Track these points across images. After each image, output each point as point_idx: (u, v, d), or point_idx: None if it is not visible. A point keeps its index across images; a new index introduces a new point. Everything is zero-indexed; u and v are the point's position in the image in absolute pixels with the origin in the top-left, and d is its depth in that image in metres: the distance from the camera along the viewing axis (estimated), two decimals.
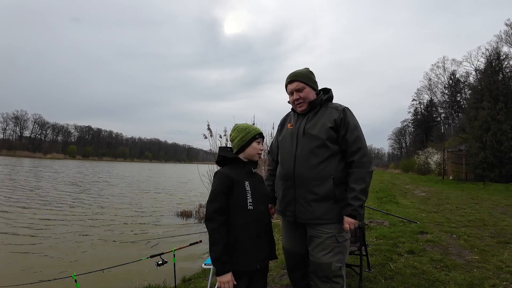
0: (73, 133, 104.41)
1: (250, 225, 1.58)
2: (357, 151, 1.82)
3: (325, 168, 1.81)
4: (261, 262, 1.62)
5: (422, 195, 11.03)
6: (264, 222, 1.67)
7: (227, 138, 8.58)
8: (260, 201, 1.65)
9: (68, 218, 8.09)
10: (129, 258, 4.17)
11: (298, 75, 1.96)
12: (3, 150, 72.87)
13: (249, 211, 1.57)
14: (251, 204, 1.58)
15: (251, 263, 1.57)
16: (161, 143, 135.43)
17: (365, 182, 1.79)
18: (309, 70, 2.02)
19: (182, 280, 3.72)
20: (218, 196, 1.53)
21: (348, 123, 1.85)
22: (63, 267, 4.48)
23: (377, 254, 3.80)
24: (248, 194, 1.59)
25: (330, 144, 1.83)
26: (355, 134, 1.84)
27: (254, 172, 1.73)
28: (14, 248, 5.45)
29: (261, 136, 1.75)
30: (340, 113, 1.87)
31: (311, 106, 1.95)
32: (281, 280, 3.12)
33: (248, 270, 1.55)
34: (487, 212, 7.01)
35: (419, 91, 48.96)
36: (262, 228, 1.65)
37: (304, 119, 1.96)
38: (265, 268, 1.67)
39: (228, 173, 1.62)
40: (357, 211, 1.76)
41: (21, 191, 12.67)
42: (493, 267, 3.30)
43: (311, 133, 1.87)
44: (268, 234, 1.72)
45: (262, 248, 1.64)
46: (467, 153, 18.61)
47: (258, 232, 1.61)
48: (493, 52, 19.94)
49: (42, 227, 6.96)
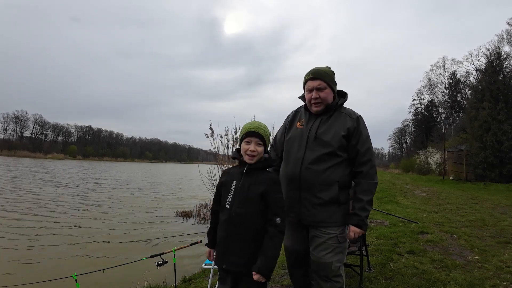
0: (74, 133, 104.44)
1: (225, 224, 1.61)
2: (367, 162, 1.83)
3: (332, 174, 1.81)
4: (229, 264, 1.57)
5: (423, 195, 11.02)
6: (241, 225, 1.56)
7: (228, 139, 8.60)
8: (242, 203, 1.58)
9: (68, 218, 8.10)
10: (130, 258, 4.18)
11: (322, 74, 1.88)
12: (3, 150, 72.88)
13: (226, 210, 1.62)
14: (229, 203, 1.62)
15: (218, 260, 1.66)
16: (161, 143, 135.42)
17: (371, 194, 1.83)
18: (331, 70, 1.95)
19: (182, 280, 3.73)
20: (216, 188, 1.78)
21: (360, 133, 1.84)
22: (63, 267, 4.48)
23: (377, 254, 3.80)
24: (230, 193, 1.63)
25: (340, 153, 1.83)
26: (366, 145, 1.84)
27: (254, 172, 1.63)
28: (14, 248, 5.45)
29: (249, 136, 1.62)
30: (354, 122, 1.85)
31: (326, 109, 1.90)
32: (281, 280, 3.12)
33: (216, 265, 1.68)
34: (488, 212, 7.01)
35: (419, 91, 48.94)
36: (238, 231, 1.56)
37: (317, 121, 1.90)
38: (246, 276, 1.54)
39: (228, 170, 1.77)
40: (363, 221, 1.79)
41: (21, 192, 12.67)
42: (494, 267, 3.30)
43: (324, 139, 1.84)
44: (254, 242, 1.56)
45: (232, 250, 1.57)
46: (467, 153, 18.59)
47: (230, 233, 1.58)
48: (494, 52, 19.92)
49: (42, 227, 6.97)
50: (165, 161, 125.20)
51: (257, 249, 1.55)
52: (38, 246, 5.60)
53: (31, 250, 5.37)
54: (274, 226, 1.56)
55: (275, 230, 1.56)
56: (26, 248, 5.49)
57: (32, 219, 7.73)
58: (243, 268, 1.55)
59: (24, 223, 7.29)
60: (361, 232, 1.80)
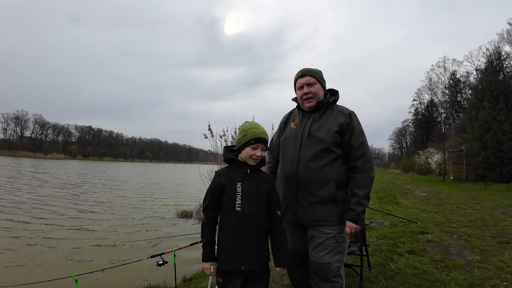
0: (74, 133, 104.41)
1: (237, 227, 1.58)
2: (361, 157, 1.83)
3: (328, 171, 1.82)
4: (247, 264, 1.58)
5: (423, 195, 11.02)
6: (255, 226, 1.60)
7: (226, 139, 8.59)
8: (253, 204, 1.60)
9: (68, 218, 8.09)
10: (130, 258, 4.18)
11: (311, 71, 1.99)
12: (3, 150, 72.88)
13: (237, 213, 1.58)
14: (240, 206, 1.59)
15: (233, 263, 1.59)
16: (161, 143, 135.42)
17: (367, 188, 1.81)
18: (319, 70, 2.05)
19: (182, 280, 3.73)
20: (209, 195, 1.66)
21: (353, 128, 1.85)
22: (64, 267, 4.48)
23: (377, 254, 3.80)
24: (238, 195, 1.60)
25: (334, 148, 1.84)
26: (360, 139, 1.85)
27: (255, 173, 1.67)
28: (14, 248, 5.45)
29: (258, 142, 1.63)
30: (346, 117, 1.87)
31: (318, 106, 1.94)
32: (281, 280, 3.12)
33: (230, 269, 1.59)
34: (488, 212, 7.00)
35: (419, 91, 48.97)
36: (253, 231, 1.59)
37: (310, 119, 1.94)
38: (258, 271, 1.61)
39: (223, 173, 1.67)
40: (359, 216, 1.78)
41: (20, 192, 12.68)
42: (494, 267, 3.30)
43: (317, 136, 1.86)
44: (264, 238, 1.63)
45: (249, 251, 1.58)
46: (467, 153, 18.60)
47: (246, 234, 1.58)
48: (494, 51, 19.93)
49: (42, 227, 6.97)
50: (165, 161, 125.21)
51: (265, 244, 1.64)
52: (38, 246, 5.60)
53: (31, 251, 5.37)
54: (279, 220, 1.67)
55: (281, 224, 1.69)
56: (27, 248, 5.49)
57: (32, 219, 7.73)
58: (261, 265, 1.62)
59: (24, 223, 7.29)
60: (357, 228, 1.78)
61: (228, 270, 1.60)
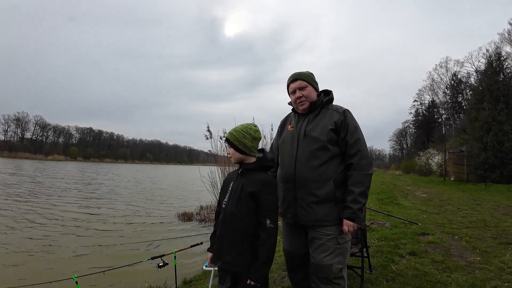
0: (74, 135, 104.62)
1: (221, 224, 1.71)
2: (356, 154, 1.82)
3: (326, 170, 1.82)
4: (224, 263, 1.65)
5: (424, 196, 11.00)
6: (233, 226, 1.63)
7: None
8: (234, 204, 1.64)
9: (69, 219, 8.10)
10: (130, 259, 4.17)
11: (301, 74, 2.01)
12: (4, 152, 73.02)
13: (223, 210, 1.73)
14: (225, 203, 1.72)
15: (215, 258, 1.74)
16: (162, 145, 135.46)
17: (364, 185, 1.80)
18: (310, 72, 2.07)
19: (183, 281, 3.72)
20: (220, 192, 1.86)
21: (348, 125, 1.86)
22: (64, 269, 4.48)
23: (378, 255, 3.79)
24: (227, 194, 1.74)
25: (331, 146, 1.84)
26: (355, 136, 1.85)
27: (249, 173, 1.72)
28: (14, 249, 5.45)
29: (226, 141, 1.79)
30: (340, 115, 1.88)
31: (312, 107, 1.97)
32: (282, 282, 3.11)
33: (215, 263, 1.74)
34: (489, 213, 6.99)
35: (420, 91, 48.98)
36: (229, 231, 1.63)
37: (305, 120, 1.96)
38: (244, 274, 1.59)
39: (230, 173, 1.92)
40: (355, 214, 1.76)
41: (19, 193, 12.69)
42: (495, 268, 3.29)
43: (312, 135, 1.88)
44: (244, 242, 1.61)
45: (225, 250, 1.65)
46: (468, 154, 18.57)
47: (225, 234, 1.67)
48: (494, 52, 19.95)
49: (42, 229, 6.97)
50: (166, 162, 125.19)
51: (246, 248, 1.61)
52: (39, 247, 5.60)
53: (31, 252, 5.37)
54: (264, 230, 1.58)
55: (266, 235, 1.58)
56: (27, 249, 5.49)
57: (32, 219, 7.73)
58: (237, 266, 1.61)
59: (24, 223, 7.29)
60: (354, 226, 1.77)
61: (219, 266, 1.71)
